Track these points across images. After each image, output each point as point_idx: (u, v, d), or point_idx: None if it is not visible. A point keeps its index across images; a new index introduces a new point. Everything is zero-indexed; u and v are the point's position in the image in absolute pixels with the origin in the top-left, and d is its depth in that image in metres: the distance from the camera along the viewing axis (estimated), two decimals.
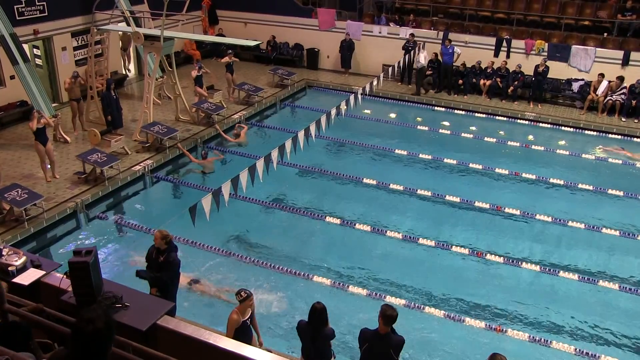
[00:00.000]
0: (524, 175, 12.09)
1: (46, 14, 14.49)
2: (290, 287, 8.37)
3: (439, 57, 16.82)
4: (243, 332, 6.12)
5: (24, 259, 5.17)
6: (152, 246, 6.80)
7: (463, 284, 8.62)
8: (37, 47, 15.07)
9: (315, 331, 5.67)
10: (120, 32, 15.71)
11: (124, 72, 16.81)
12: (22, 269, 5.10)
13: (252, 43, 14.10)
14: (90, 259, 4.23)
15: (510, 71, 16.33)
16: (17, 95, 13.91)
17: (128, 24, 14.17)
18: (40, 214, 9.83)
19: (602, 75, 15.27)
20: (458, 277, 8.83)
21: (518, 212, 10.51)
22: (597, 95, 15.40)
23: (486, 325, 7.78)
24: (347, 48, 17.82)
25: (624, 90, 15.30)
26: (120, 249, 9.13)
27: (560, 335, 7.72)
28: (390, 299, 8.16)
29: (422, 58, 16.41)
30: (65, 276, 4.58)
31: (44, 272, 5.09)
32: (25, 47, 13.67)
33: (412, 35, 17.04)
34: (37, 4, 14.29)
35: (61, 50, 15.12)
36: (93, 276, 4.25)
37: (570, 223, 10.40)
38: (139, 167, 11.98)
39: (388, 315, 5.24)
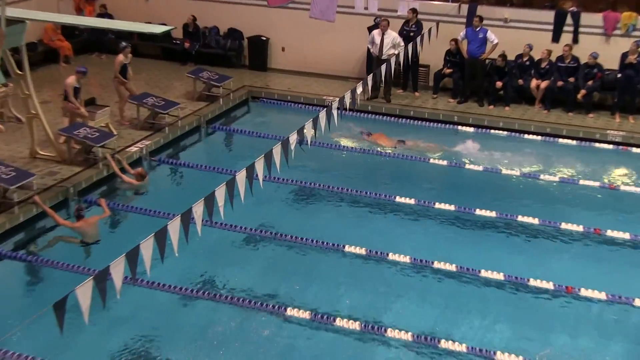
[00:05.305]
0: (608, 233, 11.65)
1: None
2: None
3: (461, 47, 16.42)
4: None
5: None
6: None
7: None
8: None
9: None
10: None
11: None
12: None
13: (159, 29, 13.71)
14: None
15: (581, 64, 15.85)
16: None
17: None
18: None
19: None
20: None
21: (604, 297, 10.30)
22: None
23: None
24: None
25: None
26: None
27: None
28: None
29: (391, 42, 16.11)
30: None
31: None
32: None
33: (413, 10, 16.50)
34: None
35: None
36: None
37: None
38: None
39: None
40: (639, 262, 11.23)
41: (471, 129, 15.69)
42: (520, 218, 12.00)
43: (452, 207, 12.33)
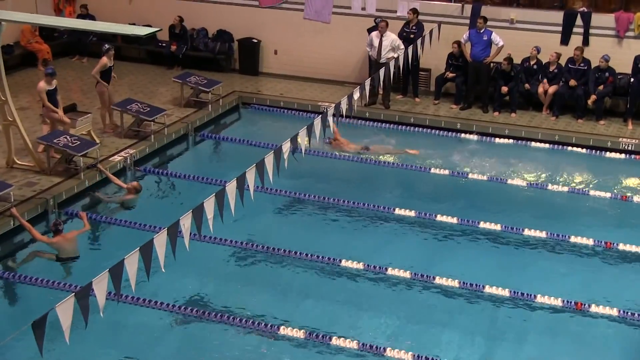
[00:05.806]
0: (620, 247, 11.62)
1: None
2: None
3: (464, 49, 16.37)
4: None
5: None
6: None
7: None
8: None
9: None
10: None
11: None
12: None
13: (144, 30, 13.29)
14: None
15: (592, 68, 15.84)
16: None
17: None
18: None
19: None
20: None
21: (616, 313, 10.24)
22: None
23: None
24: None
25: None
26: None
27: None
28: None
29: (390, 44, 15.92)
30: None
31: None
32: None
33: (413, 11, 16.44)
34: None
35: None
36: None
37: None
38: None
39: None
40: None
41: (475, 137, 15.65)
42: (526, 231, 11.97)
43: (454, 220, 12.29)
